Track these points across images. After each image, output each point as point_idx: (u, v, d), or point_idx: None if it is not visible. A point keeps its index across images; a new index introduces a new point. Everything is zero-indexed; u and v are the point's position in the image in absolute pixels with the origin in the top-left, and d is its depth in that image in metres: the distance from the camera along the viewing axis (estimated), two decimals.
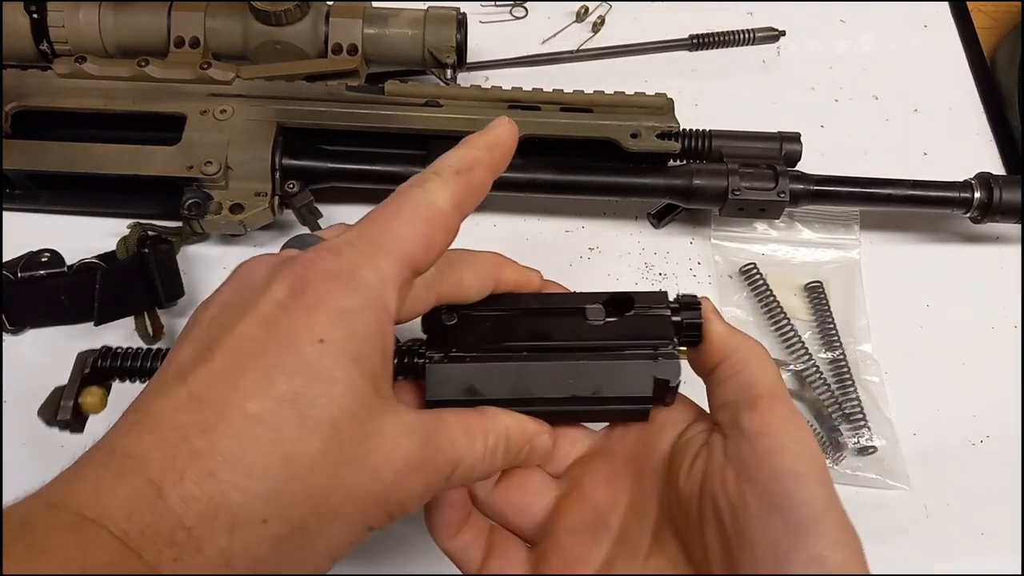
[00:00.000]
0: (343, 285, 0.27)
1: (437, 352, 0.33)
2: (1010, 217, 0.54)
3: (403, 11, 0.57)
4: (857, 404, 0.50)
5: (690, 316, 0.34)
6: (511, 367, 0.33)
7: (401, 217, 0.29)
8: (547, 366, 0.33)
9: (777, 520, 0.28)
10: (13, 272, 0.49)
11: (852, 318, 0.53)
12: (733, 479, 0.30)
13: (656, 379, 0.33)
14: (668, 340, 0.34)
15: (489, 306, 0.35)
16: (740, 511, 0.29)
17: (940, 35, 0.68)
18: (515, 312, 0.35)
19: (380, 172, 0.53)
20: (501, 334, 0.34)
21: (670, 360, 0.33)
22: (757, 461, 0.30)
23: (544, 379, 0.33)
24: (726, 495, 0.30)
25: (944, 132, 0.63)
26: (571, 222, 0.57)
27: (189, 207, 0.50)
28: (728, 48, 0.61)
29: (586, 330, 0.34)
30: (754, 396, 0.31)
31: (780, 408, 0.31)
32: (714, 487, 0.31)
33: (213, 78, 0.53)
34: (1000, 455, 0.50)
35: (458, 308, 0.34)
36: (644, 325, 0.34)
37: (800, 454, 0.30)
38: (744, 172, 0.52)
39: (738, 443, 0.31)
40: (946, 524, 0.48)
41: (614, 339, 0.34)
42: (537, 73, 0.61)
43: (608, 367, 0.33)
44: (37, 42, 0.55)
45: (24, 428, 0.48)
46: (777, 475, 0.29)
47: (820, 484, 0.29)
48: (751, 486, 0.29)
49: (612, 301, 0.35)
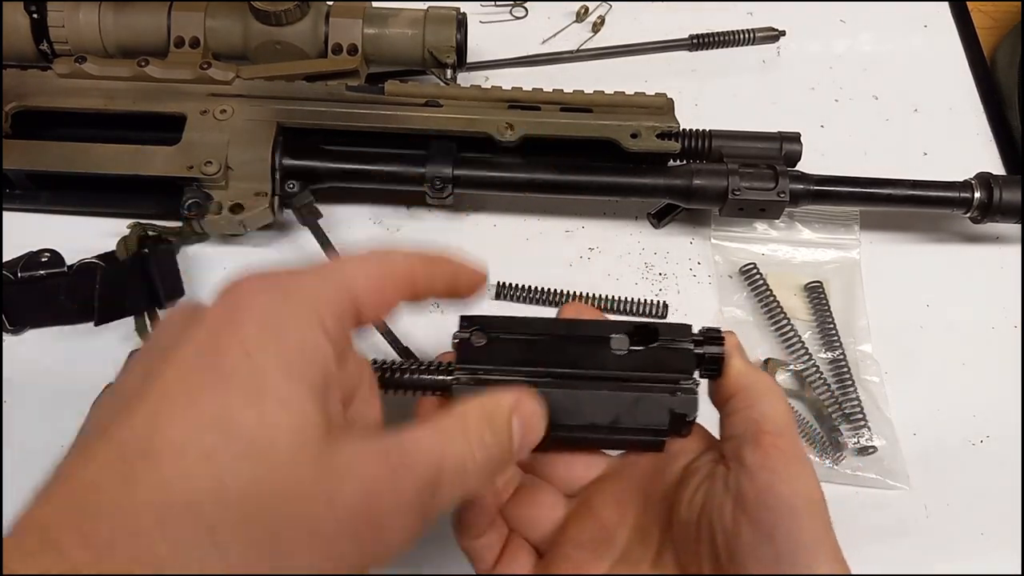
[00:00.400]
0: (272, 293, 0.25)
1: (465, 374, 0.34)
2: (1010, 217, 0.54)
3: (403, 11, 0.57)
4: (857, 404, 0.50)
5: (713, 350, 0.35)
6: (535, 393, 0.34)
7: (354, 259, 0.28)
8: (570, 394, 0.34)
9: (768, 551, 0.29)
10: (13, 272, 0.49)
11: (852, 318, 0.53)
12: (730, 509, 0.31)
13: (673, 413, 0.34)
14: (689, 375, 0.34)
15: (519, 330, 0.35)
16: (734, 540, 0.30)
17: (940, 35, 0.68)
18: (543, 337, 0.35)
19: (380, 172, 0.53)
20: (528, 359, 0.34)
21: (689, 395, 0.34)
22: (754, 494, 0.30)
23: (566, 407, 0.34)
24: (722, 524, 0.31)
25: (944, 132, 0.63)
26: (571, 222, 0.57)
27: (189, 207, 0.50)
28: (728, 48, 0.61)
29: (610, 360, 0.35)
30: (760, 432, 0.32)
31: (784, 445, 0.31)
32: (711, 516, 0.31)
33: (213, 78, 0.53)
34: (1000, 455, 0.50)
35: (488, 330, 0.35)
36: (667, 357, 0.35)
37: (797, 490, 0.30)
38: (744, 172, 0.52)
39: (739, 475, 0.31)
40: (946, 524, 0.48)
41: (636, 370, 0.34)
42: (537, 73, 0.61)
43: (628, 399, 0.34)
44: (37, 42, 0.55)
45: (24, 428, 0.48)
46: (771, 508, 0.30)
47: (814, 518, 0.30)
48: (746, 517, 0.30)
49: (637, 331, 0.35)
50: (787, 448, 0.31)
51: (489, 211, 0.57)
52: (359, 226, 0.56)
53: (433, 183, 0.52)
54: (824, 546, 0.29)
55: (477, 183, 0.53)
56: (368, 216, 0.57)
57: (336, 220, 0.56)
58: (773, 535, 0.29)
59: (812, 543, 0.29)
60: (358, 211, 0.57)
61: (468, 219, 0.57)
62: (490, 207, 0.57)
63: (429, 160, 0.52)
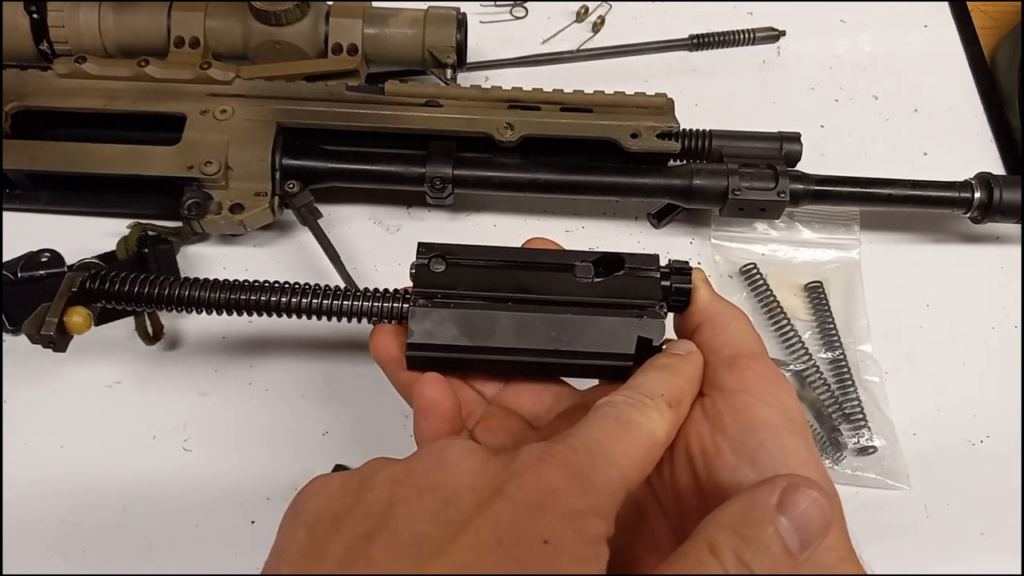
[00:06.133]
0: (577, 483, 0.25)
1: (423, 298, 0.34)
2: (1010, 217, 0.54)
3: (403, 11, 0.57)
4: (857, 404, 0.50)
5: (680, 281, 0.35)
6: (495, 316, 0.33)
7: (625, 440, 0.28)
8: (532, 317, 0.33)
9: (750, 470, 0.28)
10: (13, 272, 0.49)
11: (852, 318, 0.53)
12: (708, 433, 0.30)
13: (640, 338, 0.33)
14: (655, 301, 0.34)
15: (478, 256, 0.35)
16: (714, 462, 0.29)
17: (940, 35, 0.68)
18: (504, 263, 0.35)
19: (380, 172, 0.53)
20: (488, 284, 0.34)
21: (655, 319, 0.34)
22: (733, 416, 0.30)
23: (528, 330, 0.33)
24: (701, 448, 0.30)
25: (944, 132, 0.63)
26: (571, 222, 0.57)
27: (189, 207, 0.50)
28: (728, 48, 0.61)
29: (574, 286, 0.34)
30: (733, 355, 0.32)
31: (759, 367, 0.31)
32: (688, 440, 0.31)
33: (213, 78, 0.53)
34: (1000, 455, 0.50)
35: (447, 257, 0.35)
36: (632, 286, 0.34)
37: (776, 408, 0.30)
38: (744, 172, 0.52)
39: (715, 400, 0.31)
40: (946, 524, 0.48)
41: (601, 297, 0.34)
42: (537, 73, 0.61)
43: (593, 322, 0.33)
44: (37, 42, 0.55)
45: (24, 427, 0.48)
46: (752, 428, 0.29)
47: (795, 436, 0.29)
48: (725, 438, 0.29)
49: (602, 260, 0.35)
50: (763, 370, 0.31)
51: (489, 211, 0.57)
52: (359, 226, 0.56)
53: (433, 183, 0.52)
54: (808, 466, 0.28)
55: (477, 183, 0.53)
56: (368, 216, 0.57)
57: (336, 220, 0.56)
58: (755, 457, 0.28)
59: (796, 464, 0.28)
60: (358, 211, 0.57)
61: (468, 219, 0.57)
62: (490, 207, 0.57)
63: (429, 160, 0.52)
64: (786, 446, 0.29)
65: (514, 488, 0.25)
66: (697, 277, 0.35)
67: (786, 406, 0.30)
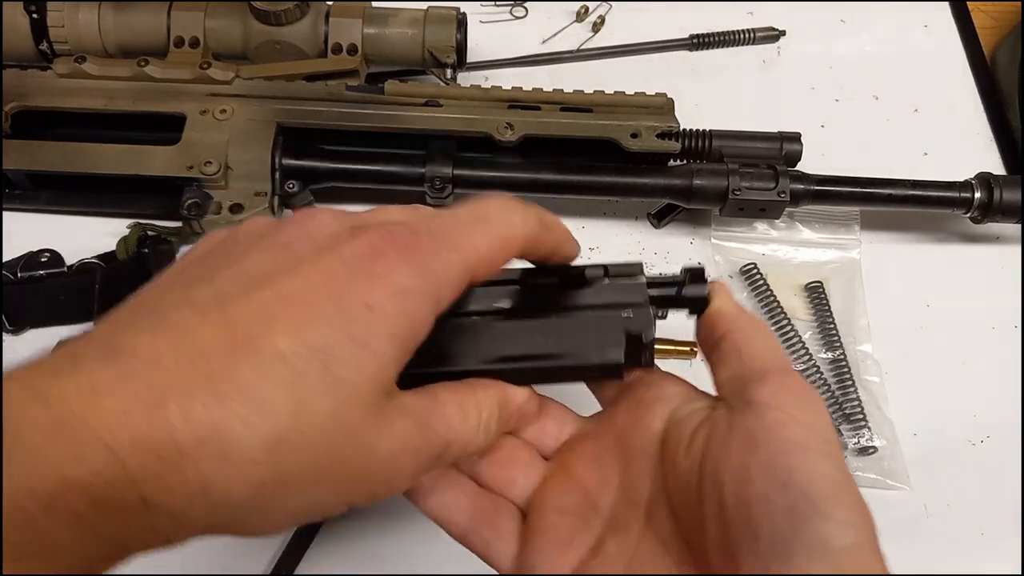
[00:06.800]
0: (412, 266, 0.27)
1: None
2: (1010, 217, 0.54)
3: (403, 11, 0.57)
4: (857, 404, 0.50)
5: (695, 290, 0.34)
6: (477, 325, 0.33)
7: (481, 230, 0.29)
8: (514, 324, 0.33)
9: (781, 497, 0.27)
10: (13, 272, 0.49)
11: (852, 318, 0.53)
12: (738, 452, 0.28)
13: (629, 335, 0.32)
14: (642, 303, 0.33)
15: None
16: (743, 486, 0.28)
17: (940, 35, 0.68)
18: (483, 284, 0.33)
19: (380, 172, 0.53)
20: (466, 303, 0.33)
21: (641, 313, 0.33)
22: (764, 434, 0.28)
23: (511, 337, 0.33)
24: (729, 469, 0.28)
25: (944, 132, 0.63)
26: (571, 222, 0.57)
27: (189, 207, 0.50)
28: (728, 48, 0.61)
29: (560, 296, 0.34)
30: (765, 369, 0.30)
31: (791, 383, 0.30)
32: (716, 461, 0.29)
33: (213, 78, 0.53)
34: (1000, 455, 0.50)
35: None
36: (618, 291, 0.34)
37: (811, 428, 0.28)
38: (744, 172, 0.52)
39: (745, 416, 0.29)
40: (946, 524, 0.48)
41: (586, 301, 0.33)
42: (537, 73, 0.61)
43: (578, 322, 0.33)
44: (37, 42, 0.55)
45: None
46: (784, 449, 0.28)
47: (829, 459, 0.28)
48: (756, 459, 0.28)
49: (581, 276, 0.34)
50: (796, 386, 0.30)
51: None
52: None
53: (433, 183, 0.52)
54: (843, 491, 0.27)
55: (477, 183, 0.53)
56: None
57: None
58: (788, 480, 0.27)
59: (830, 489, 0.27)
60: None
61: None
62: None
63: (429, 160, 0.52)
64: (821, 470, 0.27)
65: (349, 251, 0.26)
66: (720, 287, 0.34)
67: (820, 425, 0.29)
